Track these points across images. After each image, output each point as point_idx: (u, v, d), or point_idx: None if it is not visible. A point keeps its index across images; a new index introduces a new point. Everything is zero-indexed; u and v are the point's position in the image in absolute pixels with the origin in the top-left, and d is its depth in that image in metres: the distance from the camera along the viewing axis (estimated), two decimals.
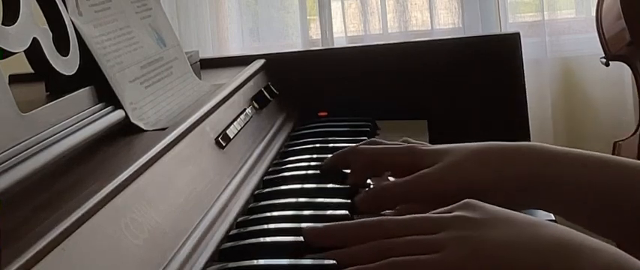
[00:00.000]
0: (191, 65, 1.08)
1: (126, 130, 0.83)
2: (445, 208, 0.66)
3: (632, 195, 0.70)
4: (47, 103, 0.73)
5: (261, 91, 1.15)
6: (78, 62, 0.80)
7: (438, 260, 0.60)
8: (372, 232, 0.65)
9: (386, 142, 0.86)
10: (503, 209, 0.64)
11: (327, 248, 0.67)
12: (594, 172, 0.72)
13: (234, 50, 2.83)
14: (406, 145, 0.82)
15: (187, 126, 0.83)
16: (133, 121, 0.84)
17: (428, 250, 0.61)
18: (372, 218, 0.68)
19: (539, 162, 0.74)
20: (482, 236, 0.60)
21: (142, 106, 0.88)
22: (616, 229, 0.73)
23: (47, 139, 0.68)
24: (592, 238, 0.59)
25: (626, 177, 0.71)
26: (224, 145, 0.90)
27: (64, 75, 0.78)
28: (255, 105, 1.10)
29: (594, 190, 0.72)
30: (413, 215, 0.66)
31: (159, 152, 0.74)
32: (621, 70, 2.55)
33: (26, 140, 0.65)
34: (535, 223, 0.62)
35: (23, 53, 0.73)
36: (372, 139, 0.88)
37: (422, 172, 0.77)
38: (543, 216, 0.76)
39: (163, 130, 0.81)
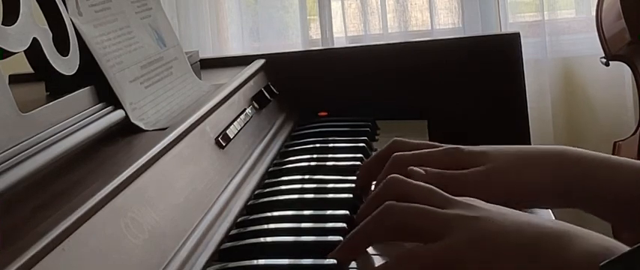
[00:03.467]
0: (191, 65, 1.08)
1: (126, 130, 0.83)
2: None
3: None
4: (47, 103, 0.73)
5: (261, 91, 1.15)
6: (78, 62, 0.80)
7: (446, 244, 0.62)
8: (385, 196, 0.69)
9: (413, 141, 0.86)
10: (495, 205, 0.67)
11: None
12: (626, 178, 0.75)
13: (234, 50, 2.83)
14: (443, 147, 0.83)
15: (187, 126, 0.83)
16: (133, 121, 0.84)
17: (435, 224, 0.63)
18: (381, 185, 0.71)
19: (585, 166, 0.77)
20: (486, 218, 0.63)
21: (142, 106, 0.88)
22: None
23: (47, 139, 0.68)
24: (581, 228, 0.62)
25: None
26: (224, 145, 0.90)
27: (64, 75, 0.78)
28: (255, 105, 1.10)
29: (626, 194, 0.74)
30: (423, 184, 0.69)
31: (159, 152, 0.74)
32: (621, 70, 2.55)
33: (26, 140, 0.65)
34: (526, 214, 0.65)
35: (23, 53, 0.73)
36: (398, 139, 0.88)
37: (471, 170, 0.78)
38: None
39: (163, 130, 0.81)
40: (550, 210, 0.81)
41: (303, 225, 0.76)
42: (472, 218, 0.63)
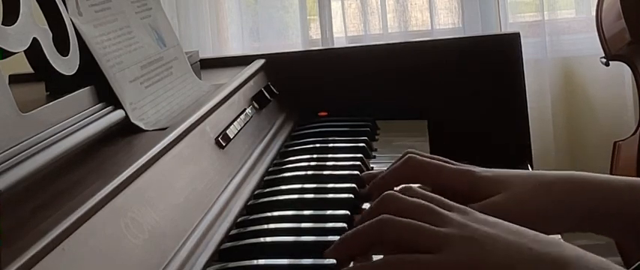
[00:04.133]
0: (191, 65, 1.08)
1: (126, 130, 0.83)
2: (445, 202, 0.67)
3: None
4: (47, 103, 0.73)
5: (261, 91, 1.15)
6: (78, 62, 0.80)
7: (438, 259, 0.61)
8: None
9: (425, 155, 0.86)
10: (497, 219, 0.66)
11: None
12: None
13: (234, 50, 2.82)
14: (457, 166, 0.82)
15: (187, 126, 0.83)
16: (133, 121, 0.84)
17: (429, 241, 0.62)
18: (377, 200, 0.69)
19: (601, 194, 0.76)
20: (481, 238, 0.62)
21: (142, 106, 0.88)
22: None
23: (47, 139, 0.68)
24: (581, 249, 0.61)
25: None
26: (224, 145, 0.90)
27: (64, 75, 0.78)
28: (255, 105, 1.10)
29: None
30: (419, 201, 0.67)
31: (159, 152, 0.74)
32: (621, 70, 2.55)
33: (26, 140, 0.65)
34: (523, 234, 0.64)
35: (23, 53, 0.73)
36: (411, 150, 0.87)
37: (489, 201, 0.78)
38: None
39: (163, 130, 0.81)
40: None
41: (303, 225, 0.76)
42: (466, 239, 0.62)
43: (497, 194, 0.77)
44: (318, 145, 1.07)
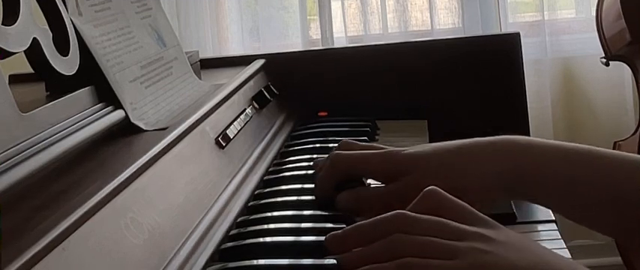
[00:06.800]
0: (191, 65, 1.08)
1: (126, 130, 0.83)
2: (461, 208, 0.66)
3: (622, 189, 0.71)
4: (47, 103, 0.73)
5: (261, 91, 1.15)
6: (78, 62, 0.80)
7: (452, 266, 0.59)
8: (389, 229, 0.64)
9: (360, 143, 0.84)
10: (521, 236, 0.64)
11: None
12: (581, 165, 0.73)
13: (234, 50, 2.82)
14: (382, 150, 0.79)
15: (187, 126, 0.83)
16: (133, 121, 0.84)
17: (443, 255, 0.60)
18: (388, 214, 0.65)
19: (522, 156, 0.74)
20: (498, 253, 0.60)
21: (142, 106, 0.88)
22: (610, 225, 0.74)
23: (47, 139, 0.68)
24: None
25: (616, 171, 0.72)
26: (224, 145, 0.90)
27: (64, 75, 0.78)
28: (255, 105, 1.10)
29: (583, 183, 0.72)
30: (432, 217, 0.64)
31: (159, 152, 0.74)
32: (621, 70, 2.55)
33: (26, 140, 0.65)
34: (549, 255, 0.62)
35: (23, 53, 0.73)
36: (346, 140, 0.85)
37: (402, 181, 0.75)
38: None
39: (163, 130, 0.81)
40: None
41: (303, 225, 0.76)
42: (482, 251, 0.60)
43: (408, 175, 0.74)
44: (318, 145, 1.07)
